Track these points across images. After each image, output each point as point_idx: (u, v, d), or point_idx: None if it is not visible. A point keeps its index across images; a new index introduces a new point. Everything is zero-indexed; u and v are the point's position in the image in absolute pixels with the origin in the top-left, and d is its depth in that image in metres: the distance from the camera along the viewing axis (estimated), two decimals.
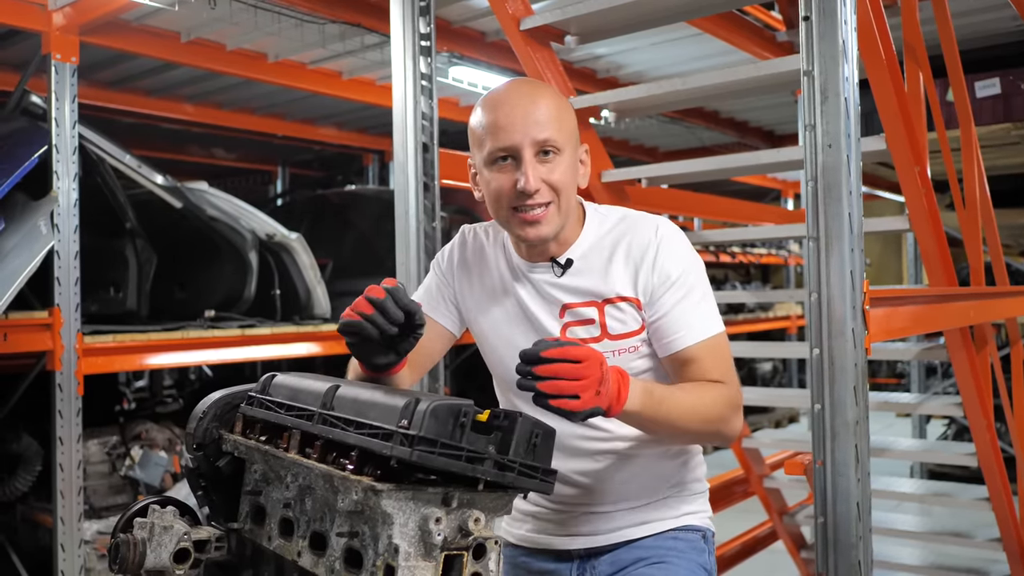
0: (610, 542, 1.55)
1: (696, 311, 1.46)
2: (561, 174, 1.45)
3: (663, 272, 1.46)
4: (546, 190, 1.44)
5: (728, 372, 1.46)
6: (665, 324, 1.46)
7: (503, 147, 1.45)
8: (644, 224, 1.51)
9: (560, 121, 1.45)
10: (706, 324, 1.46)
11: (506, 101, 1.47)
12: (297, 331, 4.65)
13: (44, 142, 3.74)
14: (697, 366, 1.44)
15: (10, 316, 3.60)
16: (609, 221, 1.54)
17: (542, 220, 1.45)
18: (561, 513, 1.56)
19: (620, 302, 1.47)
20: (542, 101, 1.46)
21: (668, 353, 1.47)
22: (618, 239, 1.51)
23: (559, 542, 1.57)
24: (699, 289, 1.47)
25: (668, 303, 1.45)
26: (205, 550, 1.24)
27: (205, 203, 4.48)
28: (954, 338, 2.89)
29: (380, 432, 1.05)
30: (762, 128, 7.06)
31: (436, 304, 1.66)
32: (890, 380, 10.09)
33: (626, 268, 1.48)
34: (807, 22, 1.96)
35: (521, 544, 1.62)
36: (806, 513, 3.67)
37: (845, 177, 1.91)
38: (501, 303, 1.57)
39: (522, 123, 1.43)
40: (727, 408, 1.42)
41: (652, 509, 1.56)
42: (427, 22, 2.66)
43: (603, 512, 1.55)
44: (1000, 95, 3.73)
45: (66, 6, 3.76)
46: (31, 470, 4.04)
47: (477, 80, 5.27)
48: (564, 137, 1.45)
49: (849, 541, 1.91)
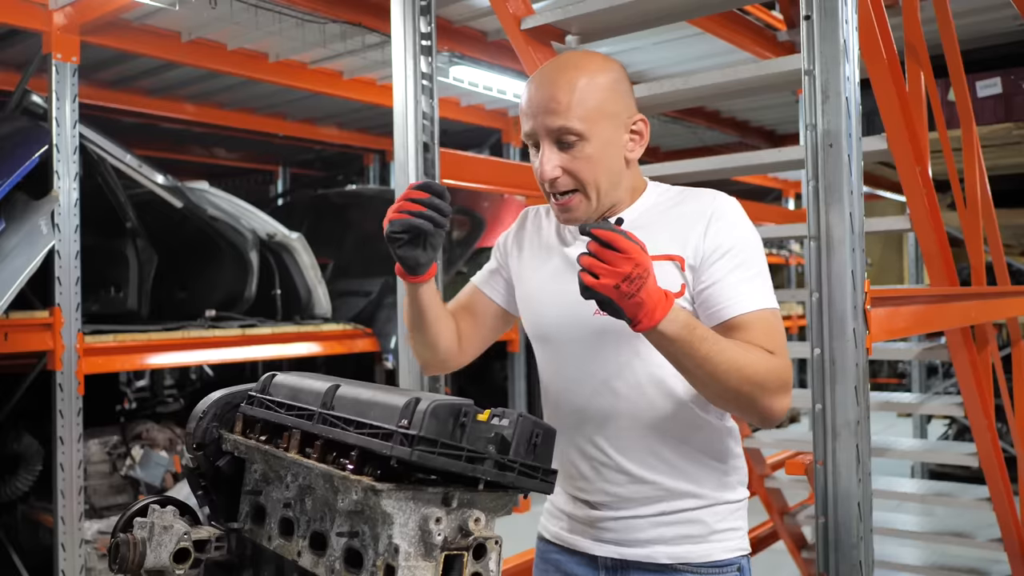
0: (639, 558, 1.47)
1: (749, 283, 1.38)
2: (584, 162, 1.40)
3: (716, 240, 1.39)
4: (567, 178, 1.41)
5: (779, 347, 1.36)
6: (715, 292, 1.38)
7: (525, 132, 1.44)
8: (703, 194, 1.47)
9: (583, 104, 1.38)
10: (758, 297, 1.38)
11: (533, 83, 1.44)
12: (298, 331, 4.65)
13: (45, 142, 3.75)
14: (744, 335, 1.35)
15: (11, 316, 3.60)
16: (669, 193, 1.52)
17: (572, 207, 1.43)
18: (592, 513, 1.50)
19: (663, 260, 1.40)
20: (561, 83, 1.39)
21: (715, 323, 1.38)
22: (673, 206, 1.47)
23: (587, 545, 1.52)
24: (754, 263, 1.40)
25: (719, 272, 1.38)
26: (205, 550, 1.24)
27: (206, 203, 4.49)
28: (955, 338, 2.89)
29: (380, 432, 1.05)
30: (763, 128, 7.07)
31: (487, 279, 1.67)
32: (891, 380, 10.09)
33: (676, 230, 1.43)
34: (808, 21, 1.95)
35: (554, 541, 1.58)
36: (807, 513, 3.66)
37: (846, 177, 1.91)
38: (550, 262, 1.55)
39: (539, 109, 1.40)
40: (772, 378, 1.32)
41: (685, 525, 1.46)
42: (428, 21, 2.65)
43: (632, 518, 1.47)
44: (1001, 95, 3.73)
45: (67, 6, 3.76)
46: (32, 470, 4.04)
47: (478, 80, 5.27)
48: (588, 122, 1.38)
49: (850, 541, 1.90)
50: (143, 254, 4.29)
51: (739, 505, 1.51)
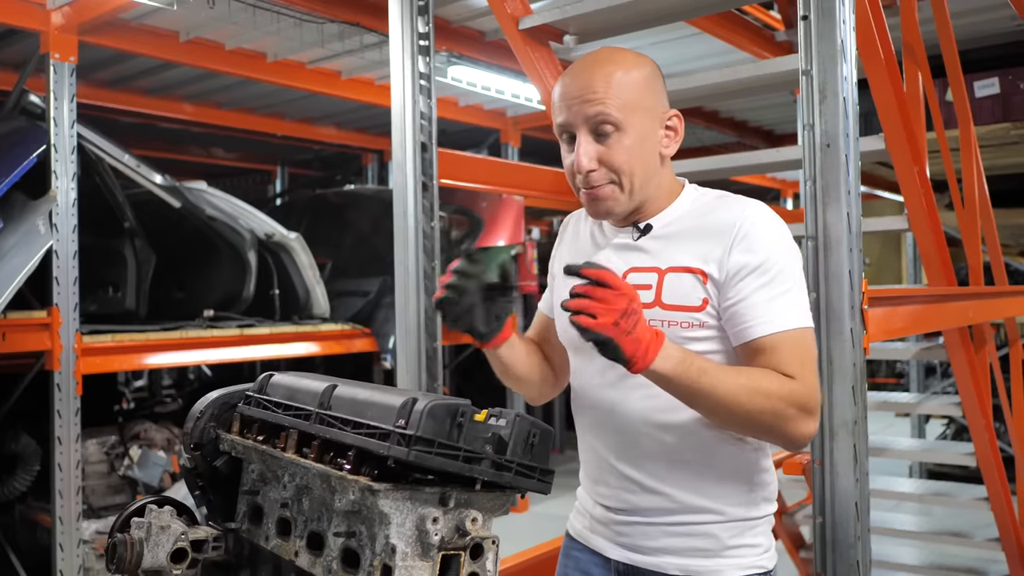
0: (649, 567, 1.43)
1: (778, 301, 1.32)
2: (621, 153, 1.37)
3: (743, 256, 1.34)
4: (603, 170, 1.38)
5: (804, 369, 1.31)
6: (741, 310, 1.33)
7: (559, 123, 1.42)
8: (736, 205, 1.40)
9: (620, 95, 1.36)
10: (787, 316, 1.32)
11: (568, 74, 1.42)
12: (296, 331, 4.65)
13: (43, 141, 3.74)
14: (769, 358, 1.30)
15: (8, 316, 3.60)
16: (705, 198, 1.46)
17: (604, 197, 1.40)
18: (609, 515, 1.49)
19: (683, 272, 1.37)
20: (599, 74, 1.37)
21: (740, 342, 1.34)
22: (705, 214, 1.42)
23: (604, 546, 1.50)
24: (784, 279, 1.34)
25: (747, 289, 1.33)
26: (202, 550, 1.24)
27: (204, 203, 4.48)
28: (953, 338, 2.89)
29: (377, 432, 1.05)
30: (761, 128, 7.06)
31: (545, 299, 1.68)
32: (889, 380, 10.10)
33: (702, 242, 1.38)
34: (806, 22, 1.95)
35: (577, 539, 1.57)
36: (805, 513, 3.67)
37: (844, 177, 1.91)
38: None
39: (575, 98, 1.38)
40: (788, 404, 1.27)
41: (698, 538, 1.41)
42: (426, 21, 2.66)
43: (645, 524, 1.44)
44: (999, 95, 3.73)
45: (65, 5, 3.76)
46: (30, 470, 4.04)
47: (476, 79, 5.27)
48: (625, 112, 1.36)
49: (848, 541, 1.91)
50: (141, 254, 4.29)
51: (759, 522, 1.45)
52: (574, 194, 1.46)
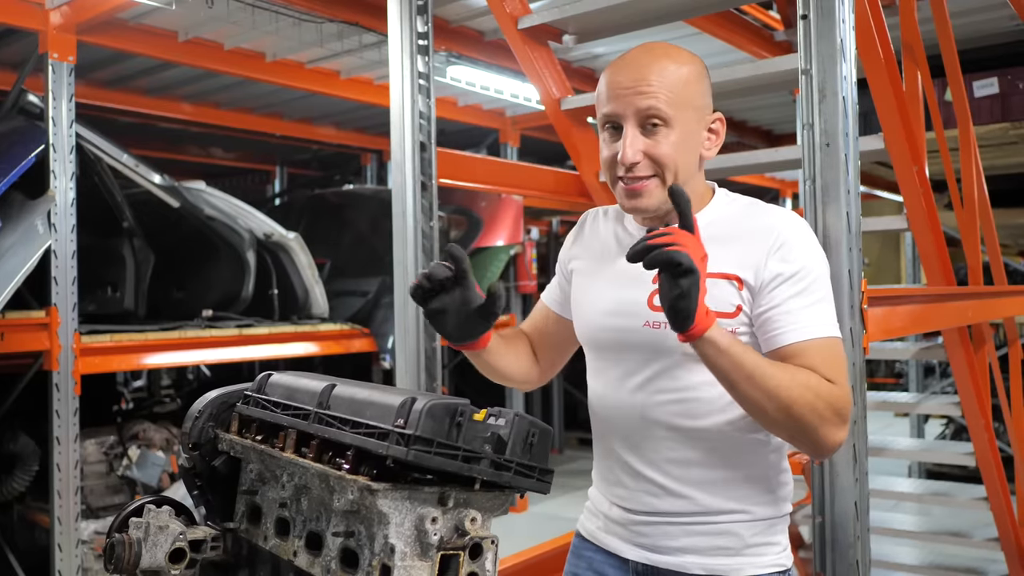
0: (670, 567, 1.42)
1: (811, 309, 1.33)
2: (667, 147, 1.36)
3: (780, 265, 1.34)
4: (647, 163, 1.37)
5: (839, 377, 1.30)
6: (774, 316, 1.33)
7: (606, 114, 1.40)
8: (772, 212, 1.42)
9: (672, 91, 1.36)
10: (820, 324, 1.33)
11: (618, 65, 1.41)
12: (295, 331, 4.65)
13: (41, 141, 3.74)
14: (802, 362, 1.30)
15: (7, 316, 3.60)
16: (737, 204, 1.46)
17: (642, 191, 1.38)
18: (627, 515, 1.47)
19: (719, 278, 1.35)
20: (654, 67, 1.37)
21: (772, 347, 1.34)
22: (739, 221, 1.42)
23: (620, 547, 1.48)
24: (817, 289, 1.35)
25: (780, 296, 1.34)
26: (201, 550, 1.24)
27: (203, 202, 4.48)
28: (952, 338, 2.89)
29: (376, 431, 1.05)
30: (760, 127, 7.07)
31: (549, 291, 1.66)
32: (888, 380, 10.10)
33: (738, 249, 1.37)
34: (805, 21, 1.95)
35: (589, 539, 1.56)
36: (804, 513, 3.66)
37: (843, 176, 1.91)
38: (609, 266, 1.51)
39: (626, 91, 1.37)
40: (824, 405, 1.26)
41: (720, 536, 1.41)
42: (425, 21, 2.65)
43: (666, 523, 1.43)
44: (998, 95, 3.73)
45: (63, 5, 3.75)
46: (28, 470, 4.04)
47: (475, 79, 5.27)
48: (675, 108, 1.36)
49: (847, 540, 1.90)
50: (140, 254, 4.29)
51: (778, 520, 1.45)
52: (574, 194, 1.46)
